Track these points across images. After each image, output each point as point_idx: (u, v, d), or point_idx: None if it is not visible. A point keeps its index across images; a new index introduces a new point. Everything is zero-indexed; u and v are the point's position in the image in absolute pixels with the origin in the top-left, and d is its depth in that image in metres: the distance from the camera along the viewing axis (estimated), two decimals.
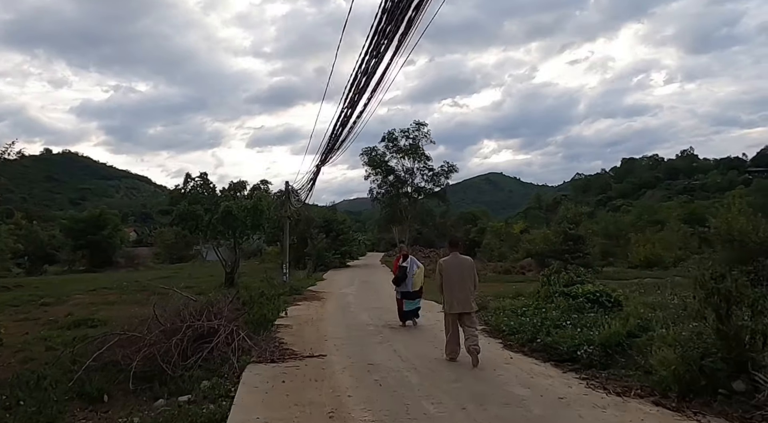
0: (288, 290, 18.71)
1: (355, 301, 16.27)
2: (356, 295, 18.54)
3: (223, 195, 22.61)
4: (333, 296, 18.15)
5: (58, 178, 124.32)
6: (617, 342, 6.93)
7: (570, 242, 24.64)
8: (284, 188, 22.56)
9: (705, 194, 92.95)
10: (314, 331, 10.72)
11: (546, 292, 11.55)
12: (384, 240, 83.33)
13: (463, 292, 7.44)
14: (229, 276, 22.91)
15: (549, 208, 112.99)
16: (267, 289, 15.59)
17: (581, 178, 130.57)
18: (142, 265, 42.28)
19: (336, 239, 37.28)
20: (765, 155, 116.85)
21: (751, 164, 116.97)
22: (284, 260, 22.64)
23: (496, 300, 12.90)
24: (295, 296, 17.48)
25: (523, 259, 32.57)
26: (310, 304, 15.61)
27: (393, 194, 40.41)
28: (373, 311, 13.62)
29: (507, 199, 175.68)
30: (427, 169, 39.90)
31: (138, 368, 7.55)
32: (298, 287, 19.47)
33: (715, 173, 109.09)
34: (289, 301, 15.91)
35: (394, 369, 7.24)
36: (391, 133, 39.85)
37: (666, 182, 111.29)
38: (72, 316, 14.99)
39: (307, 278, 25.47)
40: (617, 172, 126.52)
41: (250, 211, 21.30)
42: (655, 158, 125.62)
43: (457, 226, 60.36)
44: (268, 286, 19.28)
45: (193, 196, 22.17)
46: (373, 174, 40.36)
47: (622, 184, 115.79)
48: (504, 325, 9.45)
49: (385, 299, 16.47)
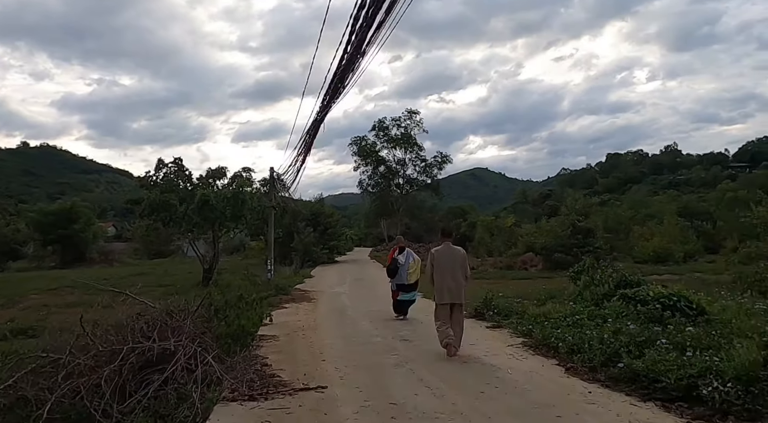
0: (273, 290, 16.28)
1: (350, 303, 13.89)
2: (350, 295, 16.16)
3: (200, 183, 20.06)
4: (324, 296, 15.75)
5: (35, 172, 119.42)
6: (756, 376, 4.67)
7: (579, 235, 22.54)
8: (269, 175, 20.05)
9: (690, 189, 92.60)
10: (307, 345, 8.32)
11: (592, 294, 9.31)
12: (371, 235, 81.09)
13: (454, 282, 7.29)
14: (207, 273, 20.41)
15: (535, 203, 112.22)
16: (247, 291, 13.15)
17: (567, 173, 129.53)
18: (117, 262, 39.35)
19: (324, 233, 34.84)
20: (747, 151, 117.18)
21: (733, 160, 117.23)
22: (269, 255, 20.16)
23: (525, 303, 10.61)
24: (281, 296, 15.07)
25: (523, 253, 30.49)
26: (299, 307, 13.20)
27: (384, 186, 38.03)
28: (374, 316, 11.26)
29: (492, 194, 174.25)
30: (420, 160, 37.62)
31: (55, 410, 5.14)
32: (284, 286, 17.04)
33: (699, 168, 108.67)
34: (275, 303, 13.51)
35: (429, 413, 4.89)
36: (381, 122, 37.54)
37: (651, 177, 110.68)
38: (13, 323, 12.46)
39: (294, 275, 23.03)
40: (602, 167, 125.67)
41: (230, 200, 18.81)
42: (639, 153, 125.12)
43: (445, 220, 58.35)
44: (250, 285, 16.85)
45: (166, 183, 19.58)
46: (363, 165, 37.98)
47: (608, 179, 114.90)
48: (557, 340, 7.15)
49: (385, 301, 14.06)
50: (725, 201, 62.48)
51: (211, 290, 10.60)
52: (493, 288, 17.88)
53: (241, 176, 20.12)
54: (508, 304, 10.37)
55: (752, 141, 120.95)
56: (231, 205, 18.75)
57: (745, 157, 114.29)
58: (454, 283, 7.26)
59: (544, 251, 23.75)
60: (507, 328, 9.00)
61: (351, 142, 38.34)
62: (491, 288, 17.90)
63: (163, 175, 19.72)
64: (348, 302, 14.12)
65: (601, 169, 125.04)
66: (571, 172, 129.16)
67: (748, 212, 17.42)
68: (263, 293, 12.91)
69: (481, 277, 21.55)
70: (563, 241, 22.68)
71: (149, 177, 19.52)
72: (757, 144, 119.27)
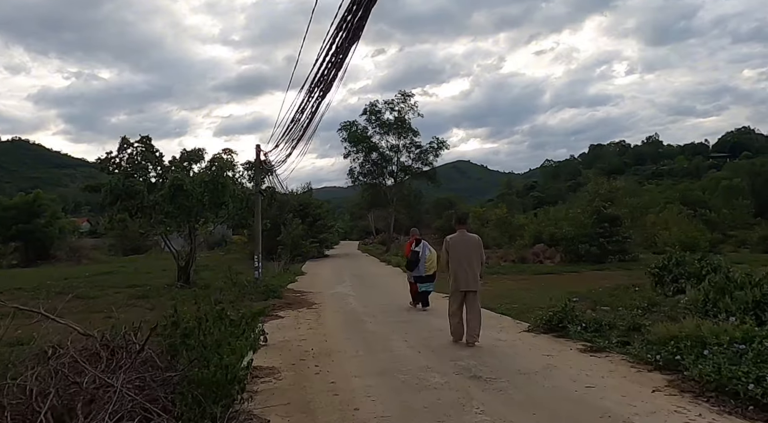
0: (263, 292, 13.14)
1: (364, 309, 10.78)
2: (358, 296, 13.06)
3: (173, 166, 16.75)
4: (326, 299, 12.63)
5: (6, 167, 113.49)
6: None
7: (605, 223, 19.77)
8: (255, 155, 16.79)
9: (674, 179, 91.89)
10: (326, 389, 5.21)
11: (737, 302, 6.41)
12: (357, 227, 78.05)
13: (469, 269, 7.08)
14: (183, 271, 17.14)
15: (520, 194, 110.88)
16: (231, 300, 10.13)
17: (550, 164, 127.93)
18: (87, 259, 35.63)
19: (312, 225, 31.65)
20: (726, 141, 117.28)
21: (713, 150, 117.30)
22: (256, 250, 16.92)
23: (622, 312, 7.69)
24: (273, 301, 11.95)
25: (531, 245, 27.73)
26: (299, 316, 10.09)
27: (376, 174, 34.91)
28: (406, 330, 8.21)
29: (474, 186, 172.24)
30: (414, 146, 34.49)
31: None
32: (275, 287, 13.88)
33: (681, 158, 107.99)
34: (267, 310, 10.40)
35: None
36: (373, 105, 34.29)
37: (634, 168, 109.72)
38: None
39: (284, 273, 19.87)
40: (585, 158, 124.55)
41: (209, 185, 15.55)
42: (622, 144, 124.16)
43: (434, 211, 55.67)
44: (235, 287, 13.70)
45: (131, 166, 16.23)
46: (354, 152, 34.74)
47: (592, 170, 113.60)
48: (745, 382, 4.21)
49: (405, 305, 11.11)
50: (720, 189, 61.09)
51: (177, 301, 7.43)
52: (521, 286, 15.06)
53: (221, 158, 16.83)
54: (599, 315, 7.44)
55: (731, 132, 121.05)
56: (209, 191, 15.48)
57: (725, 147, 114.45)
58: (469, 270, 7.08)
59: (564, 242, 20.96)
60: (617, 354, 6.05)
61: (340, 127, 35.13)
62: (518, 286, 15.08)
63: (128, 157, 16.34)
64: (360, 308, 11.02)
65: (584, 160, 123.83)
66: (554, 163, 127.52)
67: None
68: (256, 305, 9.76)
69: (496, 272, 18.68)
70: (587, 230, 19.91)
71: (110, 159, 16.12)
72: (736, 134, 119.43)
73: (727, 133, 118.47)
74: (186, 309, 5.95)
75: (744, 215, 38.01)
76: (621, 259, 19.70)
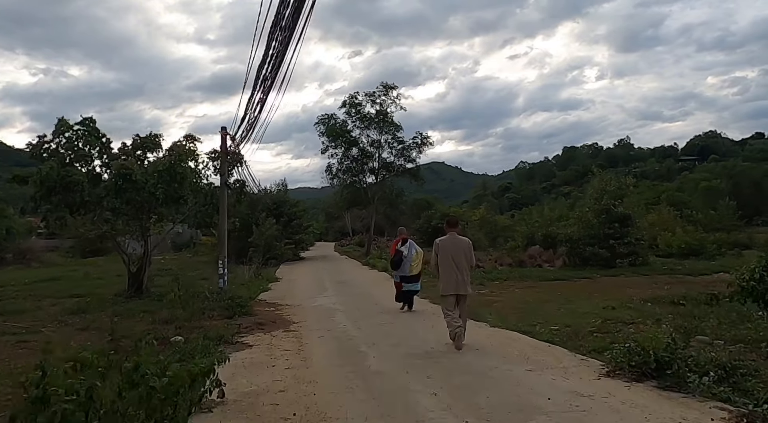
0: (228, 305, 10.46)
1: (359, 332, 8.12)
2: (347, 311, 10.43)
3: (123, 154, 13.91)
4: (308, 316, 9.98)
5: None
6: None
7: (615, 223, 17.63)
8: (221, 140, 13.96)
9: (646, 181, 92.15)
10: None
11: None
12: (333, 228, 75.29)
13: (460, 273, 6.86)
14: (134, 278, 14.31)
15: (495, 195, 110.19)
16: (184, 319, 7.69)
17: (525, 166, 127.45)
18: (37, 262, 32.05)
19: (288, 225, 28.89)
20: (695, 145, 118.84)
21: (682, 153, 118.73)
22: (221, 253, 14.11)
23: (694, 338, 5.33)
24: (239, 321, 9.28)
25: (524, 247, 25.59)
26: (274, 345, 7.41)
27: (356, 171, 32.27)
28: (428, 368, 5.68)
29: (449, 187, 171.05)
30: (397, 142, 31.97)
31: None
32: (242, 300, 11.14)
33: (653, 161, 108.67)
34: (230, 336, 7.78)
35: None
36: (353, 97, 31.62)
37: (607, 170, 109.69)
38: None
39: (256, 279, 17.13)
40: (559, 160, 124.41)
41: (164, 176, 12.77)
42: (594, 147, 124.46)
43: (410, 212, 53.51)
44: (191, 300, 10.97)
45: (71, 153, 13.34)
46: (332, 147, 32.02)
47: (566, 171, 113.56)
48: None
49: (409, 323, 8.63)
50: (700, 191, 60.52)
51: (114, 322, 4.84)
52: (536, 296, 12.65)
53: (181, 146, 14.02)
54: (718, 354, 5.04)
55: (699, 135, 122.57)
56: (164, 182, 12.69)
57: (693, 150, 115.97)
58: (459, 274, 6.85)
59: (568, 244, 18.75)
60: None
61: (318, 120, 32.39)
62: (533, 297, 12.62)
63: (66, 142, 13.42)
64: (353, 329, 8.42)
65: (557, 161, 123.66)
66: (529, 165, 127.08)
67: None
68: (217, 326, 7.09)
69: (497, 278, 16.38)
70: (594, 230, 17.75)
71: (43, 143, 13.16)
72: (704, 138, 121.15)
73: (696, 137, 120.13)
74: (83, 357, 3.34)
75: (730, 216, 36.73)
76: (631, 263, 17.63)
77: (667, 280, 14.83)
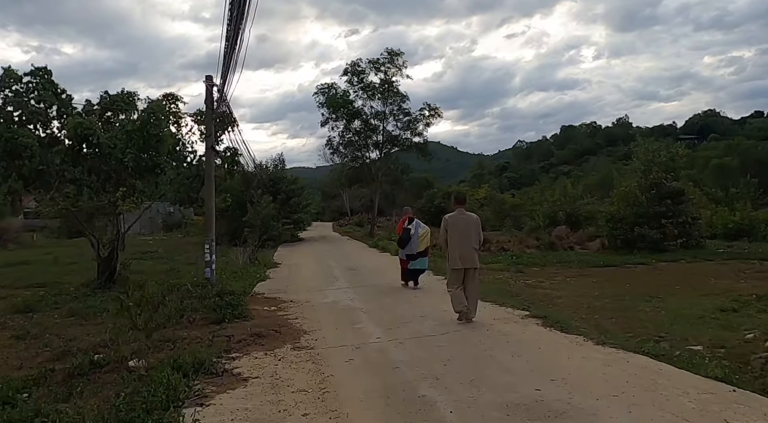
0: (216, 305, 7.84)
1: (406, 355, 5.31)
2: (372, 312, 7.72)
3: (85, 111, 11.11)
4: (322, 320, 7.30)
5: None
6: None
7: (668, 200, 15.08)
8: (205, 92, 11.07)
9: None
10: None
11: None
12: (330, 208, 72.63)
13: (467, 248, 6.90)
14: (105, 265, 11.67)
15: (493, 174, 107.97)
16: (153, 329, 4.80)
17: (522, 145, 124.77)
18: (13, 243, 29.21)
19: (285, 204, 26.17)
20: (694, 124, 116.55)
21: (681, 132, 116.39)
22: (209, 235, 11.35)
23: None
24: (229, 330, 6.63)
25: (545, 227, 23.09)
26: (281, 380, 4.70)
27: (359, 145, 29.46)
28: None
29: (444, 167, 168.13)
30: (403, 114, 29.13)
31: None
32: (234, 297, 8.49)
33: (652, 140, 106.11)
34: (214, 359, 5.22)
35: None
36: (356, 65, 28.65)
37: (606, 149, 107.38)
38: None
39: (252, 266, 14.49)
40: (557, 139, 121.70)
41: (134, 137, 10.02)
42: (593, 126, 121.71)
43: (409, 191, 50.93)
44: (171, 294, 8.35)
45: (21, 111, 10.54)
46: (333, 119, 29.15)
47: (564, 150, 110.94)
48: None
49: (478, 339, 6.04)
50: (711, 168, 58.17)
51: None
52: (604, 289, 10.10)
53: (158, 103, 11.19)
54: None
55: (698, 114, 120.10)
56: (136, 147, 9.95)
57: (693, 129, 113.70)
58: (468, 248, 6.90)
59: (610, 224, 16.19)
60: None
61: (317, 90, 29.44)
62: (599, 289, 10.15)
63: (15, 97, 10.60)
64: (392, 347, 5.73)
65: (555, 141, 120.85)
66: (526, 144, 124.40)
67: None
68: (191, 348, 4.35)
69: (534, 263, 13.87)
70: (642, 208, 15.19)
71: None
72: (703, 117, 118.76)
73: (695, 115, 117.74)
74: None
75: (752, 193, 34.27)
76: (684, 246, 15.12)
77: (739, 266, 12.34)
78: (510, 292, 9.33)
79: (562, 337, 5.74)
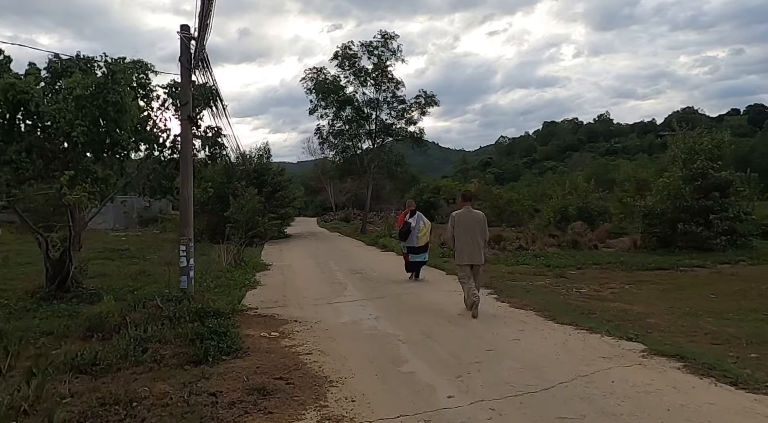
0: (194, 333, 5.51)
1: None
2: (415, 344, 5.49)
3: (26, 73, 8.58)
4: (348, 357, 5.01)
5: None
6: None
7: (715, 193, 13.20)
8: (180, 45, 8.60)
9: (627, 156, 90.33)
10: None
11: None
12: (313, 203, 69.97)
13: (474, 244, 7.04)
14: (57, 269, 9.21)
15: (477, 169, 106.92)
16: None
17: (504, 141, 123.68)
18: None
19: (271, 197, 23.75)
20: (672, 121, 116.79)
21: (660, 128, 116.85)
22: (185, 231, 8.88)
23: None
24: (213, 380, 4.31)
25: (555, 222, 21.18)
26: None
27: (351, 135, 27.12)
28: None
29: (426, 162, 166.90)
30: (397, 101, 26.87)
31: None
32: (219, 321, 6.16)
33: (633, 136, 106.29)
34: None
35: None
36: (347, 48, 26.22)
37: (588, 145, 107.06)
38: None
39: (237, 269, 12.09)
40: (540, 135, 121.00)
41: (85, 103, 7.56)
42: (575, 122, 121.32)
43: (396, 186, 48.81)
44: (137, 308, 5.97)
45: None
46: (322, 106, 26.71)
47: (547, 146, 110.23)
48: None
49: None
50: None
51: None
52: (692, 302, 7.89)
53: (119, 62, 8.73)
54: None
55: (677, 111, 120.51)
56: (89, 117, 7.54)
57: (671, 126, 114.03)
58: (474, 245, 7.03)
59: (647, 219, 14.25)
60: None
61: (305, 75, 26.95)
62: (684, 301, 7.88)
63: None
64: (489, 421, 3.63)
65: (538, 137, 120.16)
66: (509, 139, 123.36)
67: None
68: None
69: (563, 265, 11.84)
70: (685, 202, 13.27)
71: None
72: (682, 114, 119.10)
73: (674, 112, 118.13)
74: None
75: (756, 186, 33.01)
76: (732, 244, 13.24)
77: None
78: (577, 307, 7.21)
79: (744, 399, 3.61)
